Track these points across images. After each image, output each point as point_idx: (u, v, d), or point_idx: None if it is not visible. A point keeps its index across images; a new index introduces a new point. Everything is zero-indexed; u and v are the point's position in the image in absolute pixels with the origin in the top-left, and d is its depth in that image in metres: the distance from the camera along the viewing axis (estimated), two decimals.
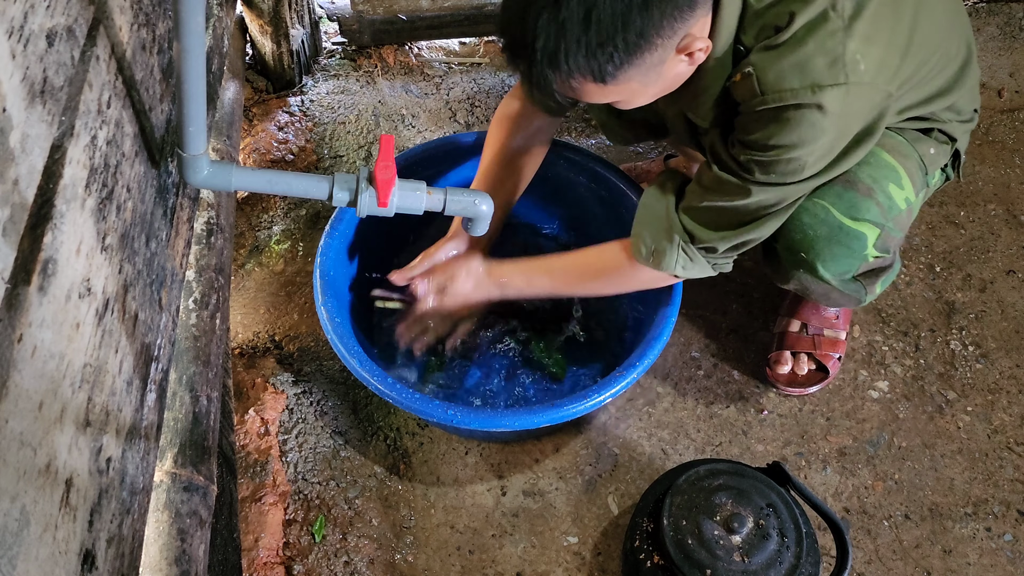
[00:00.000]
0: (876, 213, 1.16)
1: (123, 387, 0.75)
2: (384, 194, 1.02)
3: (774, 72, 0.97)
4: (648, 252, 1.20)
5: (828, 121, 0.98)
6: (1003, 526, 1.36)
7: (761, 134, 1.02)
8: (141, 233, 0.81)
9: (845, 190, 1.14)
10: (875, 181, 1.15)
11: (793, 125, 0.99)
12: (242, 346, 1.56)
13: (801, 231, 1.17)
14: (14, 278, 0.54)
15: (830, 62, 0.96)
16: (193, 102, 0.81)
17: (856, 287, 1.25)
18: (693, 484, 1.17)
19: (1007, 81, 1.96)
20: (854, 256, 1.18)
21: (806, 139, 1.00)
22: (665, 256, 1.19)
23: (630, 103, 1.06)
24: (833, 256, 1.17)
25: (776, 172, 1.05)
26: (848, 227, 1.15)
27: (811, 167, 1.05)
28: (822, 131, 0.99)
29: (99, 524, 0.67)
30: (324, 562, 1.32)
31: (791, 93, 0.97)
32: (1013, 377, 1.52)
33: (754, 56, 0.99)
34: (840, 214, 1.15)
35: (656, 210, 1.20)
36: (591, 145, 1.86)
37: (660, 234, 1.19)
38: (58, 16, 0.62)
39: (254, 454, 1.41)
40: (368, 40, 2.02)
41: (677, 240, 1.17)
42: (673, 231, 1.17)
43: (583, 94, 1.00)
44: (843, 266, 1.19)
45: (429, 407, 1.20)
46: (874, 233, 1.17)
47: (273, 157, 1.83)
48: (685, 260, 1.19)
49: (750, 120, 1.03)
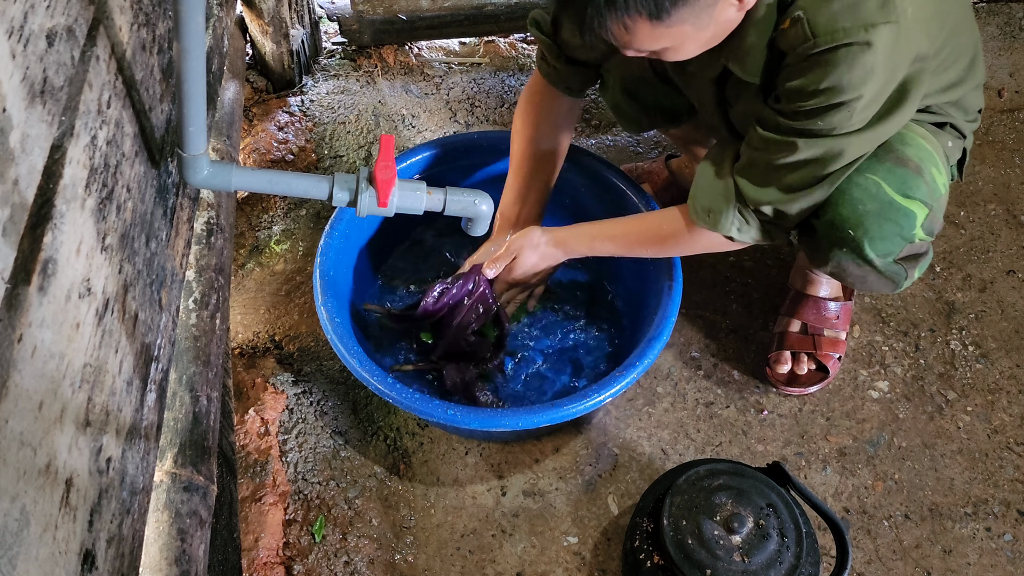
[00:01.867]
0: (925, 192, 1.15)
1: (123, 387, 0.75)
2: (384, 194, 1.02)
3: (825, 14, 0.98)
4: (705, 213, 1.20)
5: (878, 59, 0.98)
6: (1003, 526, 1.36)
7: (810, 78, 1.01)
8: (141, 233, 0.81)
9: (896, 166, 1.13)
10: (922, 161, 1.15)
11: (845, 65, 0.98)
12: (242, 346, 1.56)
13: (851, 205, 1.14)
14: (14, 278, 0.54)
15: (881, 3, 0.97)
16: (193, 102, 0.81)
17: (898, 269, 1.21)
18: (693, 484, 1.17)
19: (1007, 81, 1.97)
20: (903, 235, 1.16)
21: (856, 80, 1.00)
22: (721, 217, 1.19)
23: (680, 50, 1.04)
24: (882, 234, 1.15)
25: (824, 119, 1.04)
26: (900, 204, 1.14)
27: (859, 114, 1.04)
28: (872, 71, 0.99)
29: (99, 524, 0.67)
30: (324, 562, 1.32)
31: (843, 32, 0.97)
32: (1013, 377, 1.52)
33: (802, 1, 0.99)
34: (892, 190, 1.13)
35: (713, 173, 1.20)
36: (591, 145, 1.86)
37: (717, 196, 1.19)
38: (58, 16, 0.62)
39: (254, 454, 1.41)
40: (368, 40, 2.02)
41: (733, 202, 1.18)
42: (729, 192, 1.18)
43: (636, 36, 0.99)
44: (890, 245, 1.16)
45: (429, 407, 1.20)
46: (923, 212, 1.15)
47: (273, 157, 1.83)
48: (740, 222, 1.19)
49: (798, 67, 1.02)
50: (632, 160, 1.83)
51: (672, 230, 1.28)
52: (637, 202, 1.44)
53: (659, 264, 1.35)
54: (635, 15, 0.95)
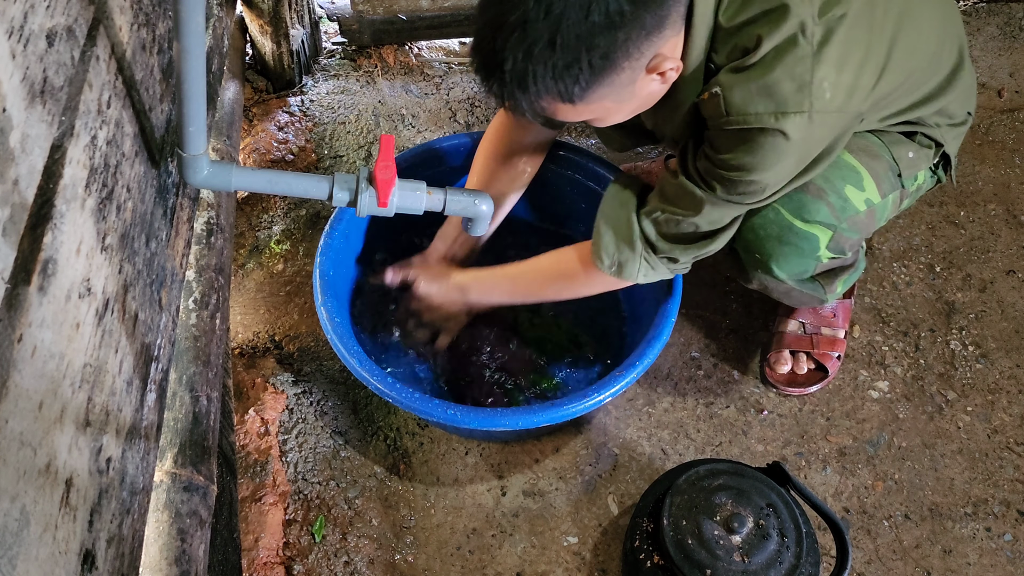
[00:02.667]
0: (827, 214, 1.15)
1: (123, 387, 0.75)
2: (384, 194, 1.02)
3: (740, 94, 0.97)
4: (611, 262, 1.21)
5: (790, 147, 0.99)
6: (1003, 526, 1.36)
7: (727, 153, 1.02)
8: (141, 233, 0.81)
9: (794, 192, 1.14)
10: (827, 181, 1.15)
11: (756, 148, 1.00)
12: (242, 346, 1.56)
13: (752, 231, 1.18)
14: (14, 278, 0.54)
15: (796, 88, 0.95)
16: (193, 102, 0.81)
17: (814, 286, 1.26)
18: (693, 484, 1.17)
19: (1007, 81, 1.96)
20: (806, 257, 1.18)
21: (768, 163, 1.01)
22: (627, 265, 1.20)
23: (605, 120, 1.06)
24: (785, 256, 1.18)
25: (736, 192, 1.07)
26: (798, 228, 1.16)
27: (770, 188, 1.07)
28: (783, 155, 1.00)
29: (99, 524, 0.67)
30: (324, 562, 1.32)
31: (755, 117, 0.97)
32: (1013, 377, 1.52)
33: (722, 76, 0.99)
34: (790, 215, 1.15)
35: (617, 218, 1.20)
36: (591, 145, 1.86)
37: (622, 243, 1.19)
38: (58, 16, 0.62)
39: (254, 454, 1.41)
40: (368, 40, 2.02)
41: (640, 249, 1.18)
42: (635, 239, 1.18)
43: (555, 113, 1.01)
44: (797, 266, 1.20)
45: (429, 407, 1.20)
46: (826, 235, 1.17)
47: (273, 157, 1.83)
48: (647, 269, 1.20)
49: (716, 136, 1.04)
50: (631, 160, 1.83)
51: (571, 271, 1.28)
52: None
53: None
54: (548, 98, 0.97)
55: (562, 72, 0.93)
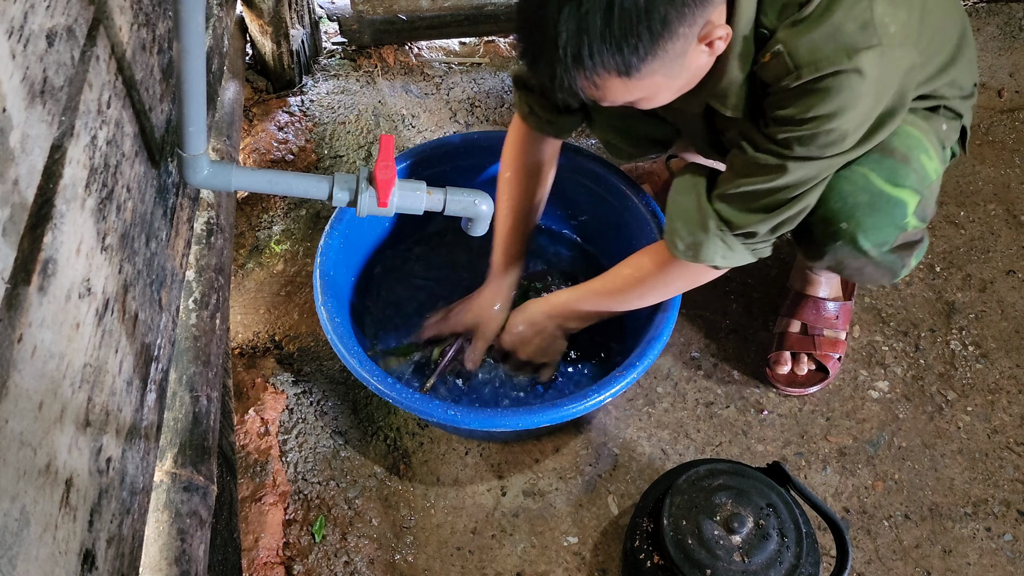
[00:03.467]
0: (914, 180, 1.14)
1: (123, 387, 0.75)
2: (384, 194, 1.02)
3: (806, 45, 0.97)
4: (685, 246, 1.18)
5: (866, 85, 0.98)
6: (1003, 526, 1.36)
7: (799, 108, 1.00)
8: (141, 233, 0.81)
9: (883, 157, 1.13)
10: (909, 149, 1.14)
11: (833, 93, 0.98)
12: (242, 346, 1.56)
13: (841, 199, 1.14)
14: (14, 278, 0.54)
15: (861, 26, 0.96)
16: (193, 102, 0.81)
17: (894, 259, 1.21)
18: (693, 484, 1.17)
19: (1007, 81, 1.96)
20: (895, 224, 1.16)
21: (846, 106, 0.99)
22: (703, 248, 1.17)
23: (654, 99, 1.05)
24: (874, 224, 1.15)
25: (816, 145, 1.03)
26: (889, 194, 1.13)
27: (851, 136, 1.04)
28: (861, 96, 0.99)
29: (99, 524, 0.67)
30: (324, 562, 1.32)
31: (827, 62, 0.96)
32: (1013, 377, 1.52)
33: (781, 34, 0.99)
34: (881, 180, 1.13)
35: (686, 203, 1.18)
36: (591, 146, 1.86)
37: (694, 226, 1.17)
38: (58, 16, 0.62)
39: (254, 454, 1.41)
40: (368, 40, 2.02)
41: (713, 229, 1.15)
42: (708, 220, 1.15)
43: (608, 91, 0.99)
44: (884, 235, 1.16)
45: (429, 407, 1.20)
46: (914, 200, 1.15)
47: (273, 157, 1.83)
48: (724, 249, 1.17)
49: (784, 97, 1.01)
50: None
51: (652, 270, 1.26)
52: (637, 203, 1.44)
53: None
54: (604, 73, 0.95)
55: (620, 41, 0.91)
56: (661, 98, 1.05)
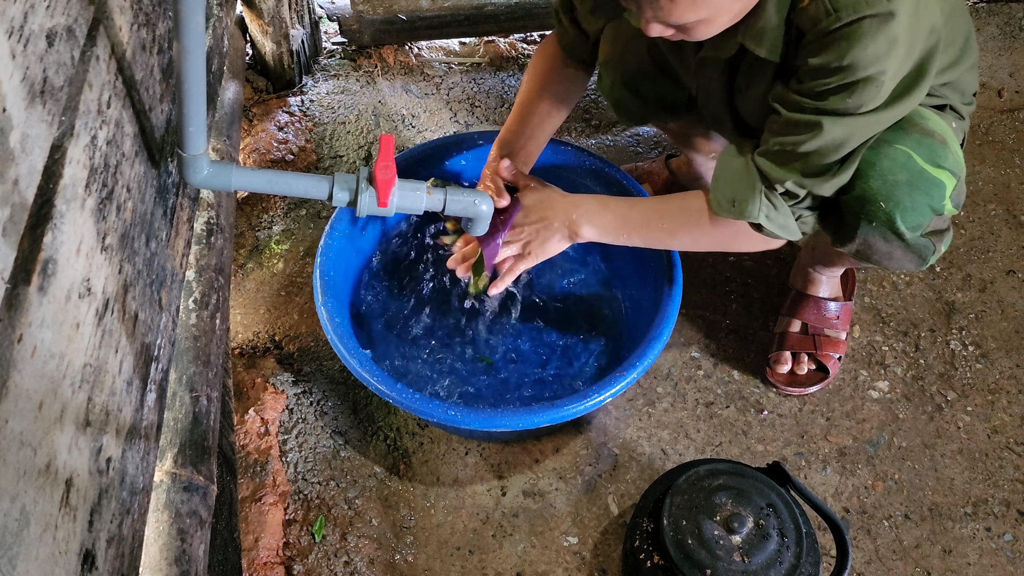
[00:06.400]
0: (952, 162, 1.14)
1: (123, 387, 0.75)
2: (384, 194, 1.02)
3: None
4: (728, 202, 1.17)
5: (901, 29, 0.98)
6: (1003, 526, 1.36)
7: (835, 53, 1.00)
8: (141, 233, 0.81)
9: (923, 137, 1.13)
10: (944, 132, 1.15)
11: (869, 37, 0.98)
12: (242, 346, 1.56)
13: (880, 177, 1.14)
14: (14, 278, 0.54)
15: None
16: (193, 102, 0.81)
17: (926, 243, 1.19)
18: (693, 484, 1.17)
19: (1007, 81, 1.96)
20: (933, 205, 1.15)
21: (880, 51, 0.99)
22: (748, 204, 1.15)
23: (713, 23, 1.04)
24: (913, 205, 1.14)
25: (853, 96, 1.03)
26: (930, 173, 1.13)
27: (885, 88, 1.03)
28: (894, 41, 0.99)
29: (99, 524, 0.67)
30: (324, 562, 1.32)
31: (865, 4, 0.97)
32: (1013, 377, 1.52)
33: None
34: (922, 160, 1.13)
35: (734, 164, 1.18)
36: (591, 145, 1.86)
37: (740, 184, 1.16)
38: (58, 16, 0.62)
39: (254, 454, 1.41)
40: (368, 40, 2.02)
41: (759, 187, 1.14)
42: (753, 178, 1.15)
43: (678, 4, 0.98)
44: (920, 217, 1.15)
45: (429, 407, 1.20)
46: (951, 183, 1.15)
47: (273, 157, 1.83)
48: (768, 207, 1.16)
49: (821, 45, 1.01)
50: (632, 160, 1.83)
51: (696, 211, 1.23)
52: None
53: (659, 264, 1.35)
54: None
55: None
56: (718, 23, 1.04)
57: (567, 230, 1.27)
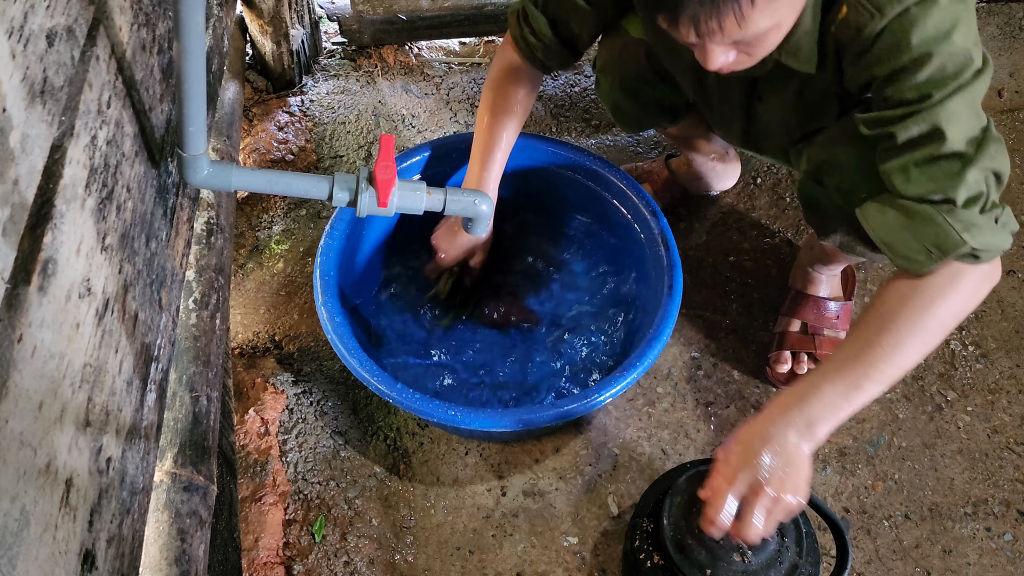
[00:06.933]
0: None
1: (123, 387, 0.75)
2: (384, 194, 1.02)
3: None
4: (925, 253, 1.01)
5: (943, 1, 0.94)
6: (1003, 526, 1.36)
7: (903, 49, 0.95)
8: (141, 233, 0.81)
9: None
10: None
11: (926, 15, 0.94)
12: (242, 346, 1.56)
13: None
14: (14, 278, 0.54)
15: None
16: (193, 102, 0.81)
17: None
18: (693, 484, 1.17)
19: (1007, 81, 1.96)
20: None
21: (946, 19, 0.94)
22: (943, 235, 0.99)
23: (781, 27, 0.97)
24: None
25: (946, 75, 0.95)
26: None
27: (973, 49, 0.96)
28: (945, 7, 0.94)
29: (99, 524, 0.67)
30: (324, 562, 1.32)
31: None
32: (1013, 377, 1.52)
33: None
34: None
35: (890, 218, 1.03)
36: (591, 145, 1.86)
37: (918, 227, 1.01)
38: (58, 16, 0.62)
39: (254, 454, 1.41)
40: (368, 40, 2.02)
41: (938, 217, 0.99)
42: (926, 213, 0.99)
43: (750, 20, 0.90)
44: None
45: (429, 407, 1.20)
46: None
47: (273, 157, 1.83)
48: (962, 225, 0.99)
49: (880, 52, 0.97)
50: (632, 160, 1.83)
51: (914, 293, 1.04)
52: (637, 202, 1.44)
53: (659, 264, 1.35)
54: None
55: None
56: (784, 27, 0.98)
57: (803, 443, 1.03)
